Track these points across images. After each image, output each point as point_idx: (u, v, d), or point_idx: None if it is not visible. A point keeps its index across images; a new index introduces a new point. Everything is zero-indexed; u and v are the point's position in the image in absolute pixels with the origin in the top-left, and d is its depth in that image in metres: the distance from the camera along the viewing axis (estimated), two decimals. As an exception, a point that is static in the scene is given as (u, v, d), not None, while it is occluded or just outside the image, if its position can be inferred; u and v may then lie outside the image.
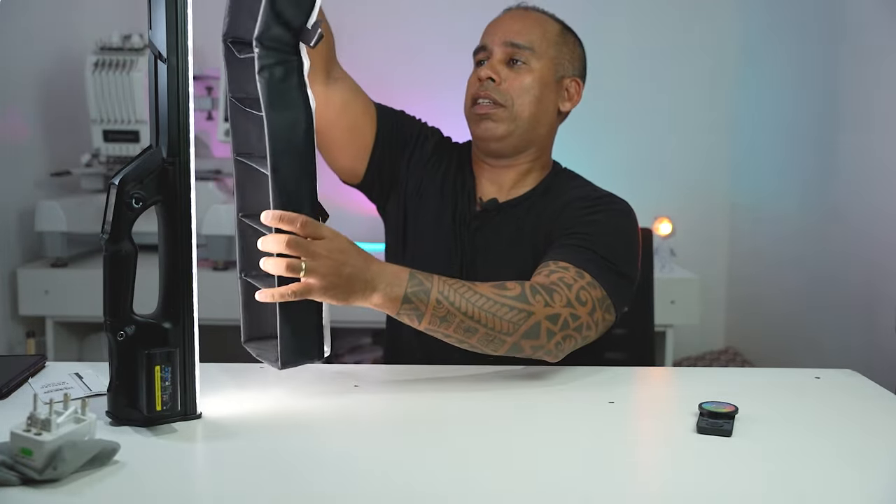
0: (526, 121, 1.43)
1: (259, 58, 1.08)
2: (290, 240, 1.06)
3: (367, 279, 1.12)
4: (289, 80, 1.09)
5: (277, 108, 1.08)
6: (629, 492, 0.91)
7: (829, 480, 0.93)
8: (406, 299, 1.14)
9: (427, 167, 1.50)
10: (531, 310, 1.19)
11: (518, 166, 1.47)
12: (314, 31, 1.10)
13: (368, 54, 2.94)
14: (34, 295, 2.41)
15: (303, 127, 1.10)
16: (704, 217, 3.07)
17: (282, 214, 1.07)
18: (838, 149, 2.40)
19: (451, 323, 1.16)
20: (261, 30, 1.07)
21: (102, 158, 2.57)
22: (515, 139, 1.43)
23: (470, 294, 1.17)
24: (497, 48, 1.44)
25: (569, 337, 1.23)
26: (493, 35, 1.46)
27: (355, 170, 1.49)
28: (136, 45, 2.52)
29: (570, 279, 1.25)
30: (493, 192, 1.47)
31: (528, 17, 1.47)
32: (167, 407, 1.03)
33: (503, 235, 1.43)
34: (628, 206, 1.43)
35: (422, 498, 0.88)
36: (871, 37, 2.26)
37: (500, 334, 1.18)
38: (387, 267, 1.15)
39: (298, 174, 1.10)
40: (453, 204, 1.47)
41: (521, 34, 1.44)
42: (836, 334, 2.36)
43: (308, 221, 1.08)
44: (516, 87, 1.42)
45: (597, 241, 1.32)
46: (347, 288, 1.10)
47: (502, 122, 1.42)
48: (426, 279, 1.16)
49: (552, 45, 1.46)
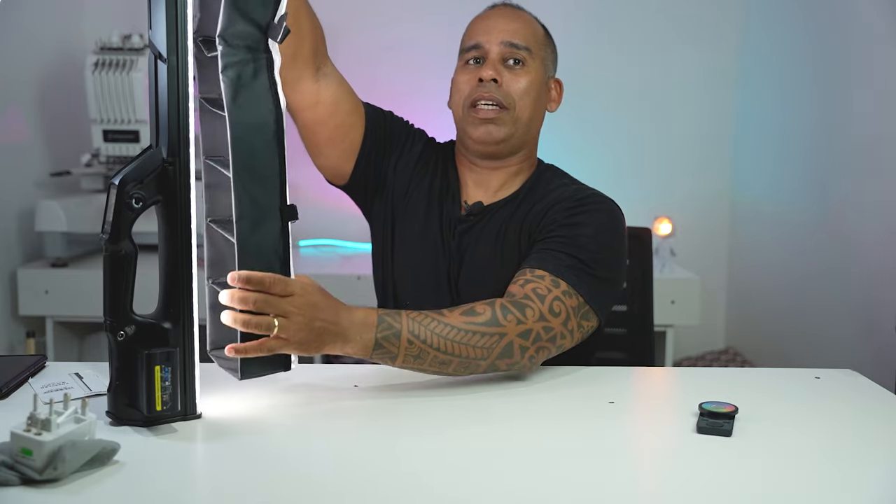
0: (525, 123, 1.41)
1: (222, 56, 1.03)
2: (258, 299, 1.03)
3: (338, 332, 1.11)
4: (256, 78, 1.05)
5: (242, 108, 1.04)
6: (629, 492, 0.91)
7: (829, 480, 0.93)
8: (377, 345, 1.14)
9: (414, 171, 1.48)
10: (503, 331, 1.19)
11: (508, 168, 1.44)
12: (280, 25, 1.06)
13: (360, 52, 2.94)
14: (34, 295, 2.41)
15: (271, 129, 1.06)
16: (704, 217, 3.08)
17: (249, 276, 1.03)
18: (838, 149, 2.40)
19: (425, 359, 1.17)
20: (223, 26, 1.03)
21: (102, 158, 2.57)
22: (514, 141, 1.41)
23: (440, 328, 1.16)
24: (494, 47, 1.40)
25: (542, 349, 1.23)
26: (488, 34, 1.41)
27: (342, 169, 1.46)
28: (136, 45, 2.53)
29: (545, 289, 1.24)
30: (478, 195, 1.45)
31: (520, 17, 1.44)
32: (167, 407, 1.03)
33: (488, 238, 1.41)
34: (613, 206, 1.39)
35: (422, 498, 0.88)
36: (871, 36, 2.26)
37: (474, 360, 1.18)
38: (355, 314, 1.13)
39: (263, 178, 1.05)
40: (439, 209, 1.45)
41: (518, 34, 1.41)
42: (836, 334, 2.36)
43: (276, 280, 1.05)
44: (517, 89, 1.40)
45: (578, 245, 1.30)
46: (319, 342, 1.10)
47: (504, 125, 1.39)
48: (395, 320, 1.15)
49: (542, 45, 1.44)
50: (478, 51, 1.41)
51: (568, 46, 2.96)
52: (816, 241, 2.50)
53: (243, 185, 1.04)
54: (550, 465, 0.95)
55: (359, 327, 1.13)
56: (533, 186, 1.44)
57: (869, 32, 2.27)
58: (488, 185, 1.45)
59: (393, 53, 2.95)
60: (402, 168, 1.48)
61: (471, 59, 1.42)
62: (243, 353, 1.05)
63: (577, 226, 1.33)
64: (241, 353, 1.05)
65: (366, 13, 2.96)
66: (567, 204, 1.37)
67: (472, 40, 1.43)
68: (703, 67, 3.04)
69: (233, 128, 1.03)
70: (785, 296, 2.69)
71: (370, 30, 2.96)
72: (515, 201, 1.42)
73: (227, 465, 0.96)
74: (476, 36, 1.43)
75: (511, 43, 1.40)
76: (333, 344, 1.11)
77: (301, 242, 2.96)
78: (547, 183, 1.44)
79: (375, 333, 1.13)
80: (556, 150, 1.52)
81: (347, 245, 2.92)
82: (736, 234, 3.10)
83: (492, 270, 1.38)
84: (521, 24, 1.43)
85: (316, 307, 1.09)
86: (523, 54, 1.40)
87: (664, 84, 3.03)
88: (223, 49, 1.04)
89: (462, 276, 1.41)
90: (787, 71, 2.74)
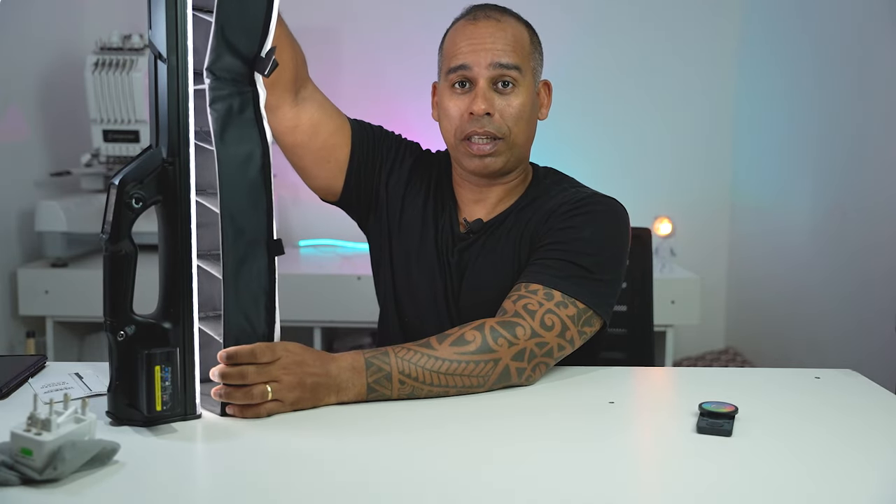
0: (521, 147, 1.39)
1: (211, 89, 1.05)
2: (250, 371, 1.06)
3: (330, 383, 1.12)
4: (243, 112, 1.06)
5: (230, 142, 1.05)
6: (629, 492, 0.91)
7: (829, 480, 0.93)
8: (370, 389, 1.14)
9: (407, 189, 1.46)
10: (496, 357, 1.19)
11: (505, 184, 1.43)
12: (268, 59, 1.07)
13: (361, 54, 2.95)
14: (34, 295, 2.41)
15: (258, 162, 1.07)
16: (704, 217, 3.08)
17: (233, 353, 1.06)
18: (838, 148, 2.40)
19: (419, 395, 1.17)
20: (211, 59, 1.04)
21: (102, 158, 2.57)
22: (510, 166, 1.39)
23: (430, 362, 1.16)
24: (483, 71, 1.33)
25: (539, 365, 1.23)
26: (475, 53, 1.34)
27: (332, 188, 1.46)
28: (136, 45, 2.53)
29: (536, 304, 1.24)
30: (478, 211, 1.43)
31: (505, 30, 1.36)
32: (167, 407, 1.03)
33: (488, 254, 1.40)
34: (613, 205, 1.37)
35: (421, 497, 0.88)
36: (871, 36, 2.26)
37: (471, 388, 1.19)
38: (342, 361, 1.14)
39: (251, 211, 1.07)
40: (435, 228, 1.44)
41: (506, 52, 1.34)
42: (836, 334, 2.36)
43: (260, 349, 1.07)
44: (511, 115, 1.35)
45: (575, 251, 1.30)
46: (314, 395, 1.11)
47: (501, 154, 1.36)
48: (383, 362, 1.15)
49: (530, 56, 1.38)
50: (465, 72, 1.35)
51: (568, 46, 2.98)
52: (816, 241, 2.50)
53: (230, 220, 1.06)
54: (550, 465, 0.95)
55: (349, 374, 1.13)
56: (532, 196, 1.43)
57: (869, 32, 2.27)
58: (487, 201, 1.43)
59: (393, 53, 2.95)
60: (395, 184, 1.46)
61: (458, 83, 1.36)
62: (241, 416, 1.08)
63: (575, 230, 1.32)
64: (239, 416, 1.08)
65: (366, 13, 2.96)
66: (565, 209, 1.36)
67: (457, 59, 1.35)
68: (703, 67, 3.04)
69: (220, 163, 1.05)
70: (785, 296, 2.70)
71: (370, 30, 2.96)
72: (514, 213, 1.41)
73: (227, 465, 0.96)
74: (461, 55, 1.35)
75: (500, 64, 1.33)
76: (328, 395, 1.12)
77: (301, 242, 2.96)
78: (546, 190, 1.43)
79: (366, 378, 1.14)
80: (557, 150, 1.52)
81: (347, 245, 2.92)
82: (736, 234, 3.10)
83: (490, 284, 1.38)
84: (507, 38, 1.35)
85: (304, 364, 1.11)
86: (513, 74, 1.34)
87: (664, 84, 3.03)
88: (211, 83, 1.05)
89: (463, 292, 1.40)
90: (788, 71, 2.74)
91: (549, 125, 1.49)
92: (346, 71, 2.96)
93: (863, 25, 2.30)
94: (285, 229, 2.94)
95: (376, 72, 2.96)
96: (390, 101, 2.96)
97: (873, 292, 2.17)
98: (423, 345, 1.18)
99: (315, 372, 1.11)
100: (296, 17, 3.13)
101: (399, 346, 1.18)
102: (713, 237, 3.11)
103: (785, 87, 2.75)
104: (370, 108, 2.99)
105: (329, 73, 2.96)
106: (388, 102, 2.96)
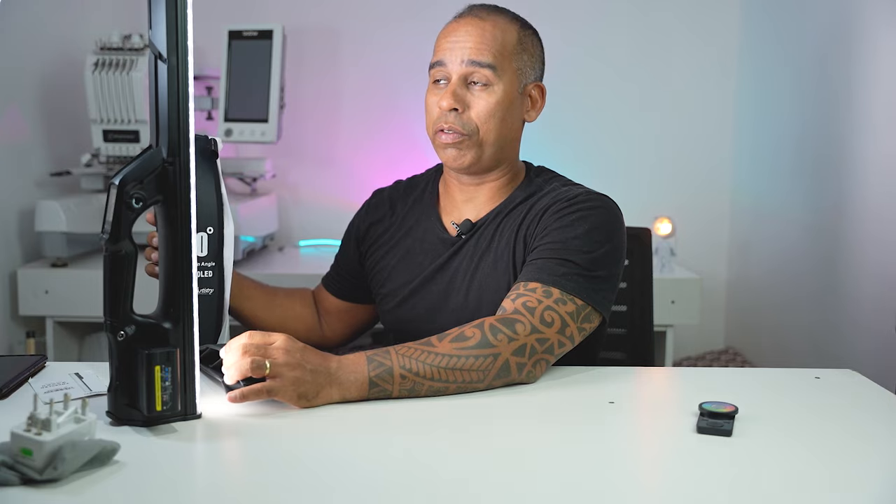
0: (493, 144, 1.39)
1: None
2: (246, 345, 1.09)
3: (330, 372, 1.13)
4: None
5: None
6: (629, 492, 0.91)
7: (829, 480, 0.93)
8: (372, 383, 1.14)
9: (377, 240, 1.55)
10: (496, 351, 1.19)
11: (491, 182, 1.45)
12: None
13: (361, 54, 2.94)
14: (34, 295, 2.41)
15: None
16: (704, 217, 3.08)
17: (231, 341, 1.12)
18: (838, 148, 2.40)
19: (420, 391, 1.17)
20: None
21: (102, 158, 2.57)
22: (485, 162, 1.41)
23: (432, 358, 1.17)
24: (456, 67, 1.37)
25: (539, 361, 1.23)
26: (451, 50, 1.37)
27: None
28: (136, 45, 2.52)
29: (535, 301, 1.25)
30: (468, 212, 1.46)
31: (485, 28, 1.37)
32: (167, 407, 1.03)
33: (480, 253, 1.42)
34: (606, 202, 1.38)
35: (421, 497, 0.88)
36: (872, 36, 2.26)
37: (471, 384, 1.19)
38: (343, 358, 1.15)
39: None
40: (421, 241, 1.49)
41: (480, 51, 1.36)
42: (836, 334, 2.36)
43: (255, 331, 1.12)
44: (480, 113, 1.37)
45: (571, 248, 1.31)
46: (314, 382, 1.11)
47: (469, 150, 1.38)
48: (384, 358, 1.16)
49: (513, 56, 1.38)
50: (441, 69, 1.39)
51: (568, 47, 2.98)
52: (816, 241, 2.50)
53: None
54: (550, 464, 0.95)
55: (349, 367, 1.14)
56: (523, 194, 1.44)
57: (869, 32, 2.27)
58: (476, 200, 1.46)
59: (393, 53, 2.95)
60: (368, 251, 1.57)
61: (437, 79, 1.41)
62: (242, 400, 1.09)
63: (569, 227, 1.33)
64: (239, 400, 1.09)
65: (366, 13, 2.95)
66: (558, 206, 1.37)
67: (436, 55, 1.40)
68: (703, 68, 3.04)
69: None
70: (785, 295, 2.70)
71: (370, 30, 2.96)
72: (504, 211, 1.43)
73: (227, 465, 0.96)
74: (440, 51, 1.40)
75: (474, 61, 1.36)
76: (329, 388, 1.13)
77: (301, 242, 2.95)
78: (538, 188, 1.44)
79: (368, 373, 1.14)
80: (557, 150, 1.53)
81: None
82: (736, 234, 3.10)
83: (485, 281, 1.39)
84: (486, 37, 1.37)
85: (302, 350, 1.12)
86: (486, 73, 1.36)
87: (664, 84, 3.03)
88: None
89: (455, 290, 1.42)
90: (788, 71, 2.74)
91: (548, 125, 1.50)
92: (347, 71, 2.96)
93: (863, 25, 2.30)
94: (285, 229, 2.94)
95: (376, 72, 2.96)
96: (390, 101, 2.96)
97: (873, 292, 2.17)
98: (424, 343, 1.19)
99: (313, 360, 1.12)
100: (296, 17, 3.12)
101: (400, 345, 1.19)
102: (713, 237, 3.11)
103: (785, 87, 2.75)
104: (370, 107, 3.00)
105: (329, 73, 2.96)
106: (388, 102, 2.96)
